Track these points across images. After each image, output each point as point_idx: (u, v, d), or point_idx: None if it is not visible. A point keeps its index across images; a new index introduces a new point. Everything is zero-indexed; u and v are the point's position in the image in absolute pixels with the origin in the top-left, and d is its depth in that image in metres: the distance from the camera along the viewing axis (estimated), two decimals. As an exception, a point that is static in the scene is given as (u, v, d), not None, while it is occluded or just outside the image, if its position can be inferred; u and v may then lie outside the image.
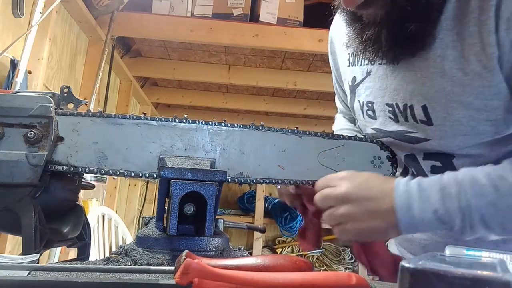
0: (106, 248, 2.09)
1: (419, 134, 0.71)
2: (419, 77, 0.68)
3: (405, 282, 0.34)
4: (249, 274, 0.42)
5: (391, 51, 0.69)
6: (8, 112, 0.61)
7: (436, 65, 0.66)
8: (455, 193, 0.61)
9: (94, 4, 2.16)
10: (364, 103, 0.80)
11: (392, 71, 0.73)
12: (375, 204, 0.64)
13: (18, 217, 0.60)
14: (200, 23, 2.45)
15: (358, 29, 0.72)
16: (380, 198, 0.64)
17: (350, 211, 0.64)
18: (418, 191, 0.63)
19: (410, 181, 0.64)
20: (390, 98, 0.74)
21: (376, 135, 0.79)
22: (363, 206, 0.64)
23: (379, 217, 0.64)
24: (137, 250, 0.58)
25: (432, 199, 0.61)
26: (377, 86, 0.76)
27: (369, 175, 0.67)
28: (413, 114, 0.71)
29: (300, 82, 3.07)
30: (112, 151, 0.64)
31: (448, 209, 0.60)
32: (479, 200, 0.60)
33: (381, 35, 0.67)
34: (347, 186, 0.65)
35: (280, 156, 0.70)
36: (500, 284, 0.31)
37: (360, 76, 0.80)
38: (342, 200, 0.65)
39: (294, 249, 4.06)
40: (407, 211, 0.62)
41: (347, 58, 0.85)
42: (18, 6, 1.49)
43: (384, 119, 0.76)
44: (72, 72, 2.25)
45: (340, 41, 0.88)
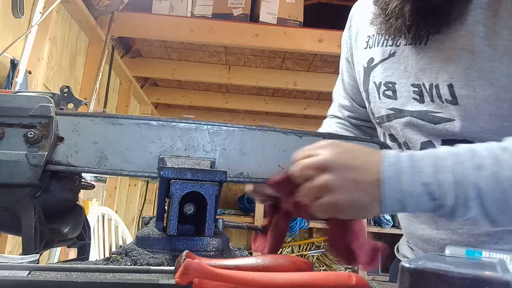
0: (106, 248, 2.09)
1: (443, 114, 0.70)
2: (448, 55, 0.68)
3: (405, 282, 0.34)
4: (249, 274, 0.42)
5: (414, 26, 0.68)
6: (8, 112, 0.61)
7: (465, 42, 0.66)
8: (450, 165, 0.55)
9: (94, 4, 2.16)
10: (382, 84, 0.79)
11: (418, 51, 0.73)
12: (359, 174, 0.57)
13: (18, 217, 0.60)
14: (200, 23, 2.45)
15: (383, 3, 0.72)
16: (365, 168, 0.57)
17: (330, 181, 0.57)
18: (409, 162, 0.57)
19: (400, 153, 0.59)
20: (415, 78, 0.73)
21: (394, 115, 0.78)
22: (344, 176, 0.57)
23: (362, 189, 0.56)
24: (137, 250, 0.58)
25: (424, 171, 0.55)
26: (402, 67, 0.76)
27: (354, 145, 0.62)
28: (438, 93, 0.70)
29: (300, 82, 3.07)
30: (112, 151, 0.64)
31: (441, 182, 0.55)
32: (477, 172, 0.54)
33: (404, 8, 0.67)
34: (328, 154, 0.58)
35: (280, 156, 0.70)
36: (500, 284, 0.31)
37: (380, 56, 0.80)
38: (321, 169, 0.58)
39: (294, 249, 4.06)
40: (395, 183, 0.56)
41: (365, 41, 0.85)
42: (18, 6, 1.49)
43: (406, 100, 0.75)
44: (72, 72, 2.25)
45: (360, 25, 0.88)
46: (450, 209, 0.55)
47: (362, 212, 0.59)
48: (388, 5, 0.70)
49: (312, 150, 0.61)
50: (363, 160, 0.58)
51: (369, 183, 0.57)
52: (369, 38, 0.84)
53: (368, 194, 0.57)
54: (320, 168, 0.58)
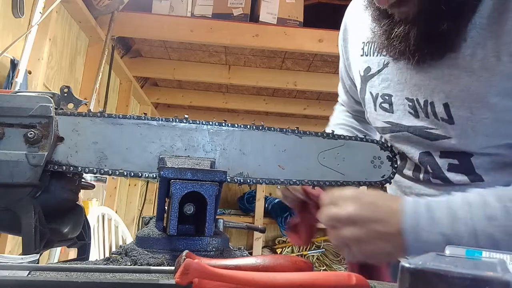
0: (106, 248, 2.09)
1: (439, 131, 0.70)
2: (445, 74, 0.67)
3: (405, 282, 0.34)
4: (249, 274, 0.42)
5: (419, 50, 0.67)
6: (8, 112, 0.61)
7: (464, 64, 0.65)
8: (465, 217, 0.59)
9: (94, 4, 2.16)
10: (379, 95, 0.78)
11: (414, 66, 0.71)
12: (382, 227, 0.62)
13: (18, 217, 0.60)
14: (200, 23, 2.45)
15: (387, 25, 0.69)
16: (387, 220, 0.62)
17: (356, 234, 0.62)
18: (426, 213, 0.61)
19: (418, 202, 0.63)
20: (410, 92, 0.72)
21: (390, 129, 0.78)
22: (369, 229, 0.62)
23: (385, 239, 0.62)
24: (137, 250, 0.58)
25: (441, 222, 0.60)
26: (395, 79, 0.75)
27: (376, 195, 0.66)
28: (434, 111, 0.69)
29: (300, 82, 3.07)
30: (112, 151, 0.64)
31: (457, 232, 0.59)
32: (490, 223, 0.58)
33: (410, 33, 0.66)
34: (352, 208, 0.63)
35: (280, 156, 0.70)
36: (500, 284, 0.31)
37: (376, 67, 0.79)
38: (347, 222, 0.63)
39: (294, 249, 4.06)
40: (414, 234, 0.60)
41: (361, 47, 0.83)
42: (18, 6, 1.49)
43: (402, 113, 0.75)
44: (72, 72, 2.25)
45: (354, 29, 0.86)
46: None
47: (387, 258, 0.66)
48: (393, 29, 0.68)
49: (338, 199, 0.65)
50: (384, 211, 0.63)
51: (392, 234, 0.62)
52: (364, 44, 0.82)
53: (391, 244, 0.62)
54: (345, 221, 0.63)
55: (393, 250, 0.62)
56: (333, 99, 1.05)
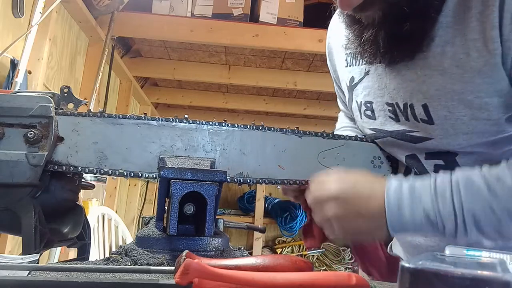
0: (106, 248, 2.09)
1: (420, 133, 0.71)
2: (419, 75, 0.68)
3: (405, 282, 0.34)
4: (249, 274, 0.42)
5: (389, 52, 0.68)
6: (8, 112, 0.61)
7: (435, 63, 0.66)
8: (448, 195, 0.60)
9: (94, 4, 2.16)
10: (362, 103, 0.79)
11: (391, 70, 0.72)
12: (364, 204, 0.63)
13: (18, 217, 0.60)
14: (200, 23, 2.45)
15: (357, 31, 0.71)
16: (369, 198, 0.63)
17: (337, 211, 0.64)
18: (409, 192, 0.62)
19: (401, 181, 0.64)
20: (390, 97, 0.73)
21: (375, 135, 0.79)
22: (349, 206, 0.64)
23: (367, 217, 0.63)
24: (137, 250, 0.58)
25: (424, 201, 0.61)
26: (376, 85, 0.76)
27: (359, 175, 0.67)
28: (413, 113, 0.70)
29: (300, 82, 3.07)
30: (112, 151, 0.64)
31: (440, 211, 0.60)
32: (473, 202, 0.59)
33: (378, 36, 0.67)
34: (335, 186, 0.65)
35: (280, 156, 0.70)
36: (500, 284, 0.31)
37: (358, 76, 0.80)
38: (329, 200, 0.65)
39: (294, 249, 4.06)
40: (397, 212, 0.61)
41: (344, 59, 0.84)
42: (18, 6, 1.49)
43: (384, 119, 0.76)
44: (72, 72, 2.25)
45: (337, 42, 0.87)
46: (452, 233, 0.60)
47: (368, 237, 0.69)
48: (363, 33, 0.69)
49: (324, 182, 0.67)
50: (367, 192, 0.64)
51: (373, 212, 0.63)
52: (347, 56, 0.84)
53: (372, 222, 0.63)
54: (328, 200, 0.65)
55: (373, 228, 0.64)
56: (333, 99, 1.05)
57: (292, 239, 4.14)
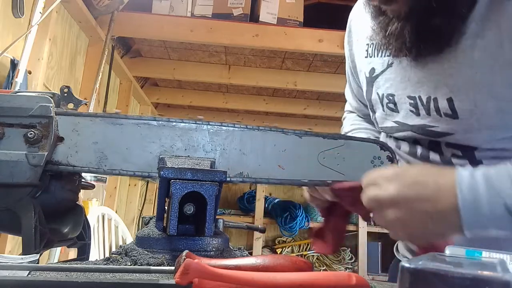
0: (106, 248, 2.09)
1: (441, 128, 0.69)
2: (446, 68, 0.67)
3: (405, 282, 0.34)
4: (249, 274, 0.42)
5: (415, 47, 0.67)
6: (8, 112, 0.61)
7: (465, 55, 0.65)
8: None
9: (94, 4, 2.16)
10: (385, 96, 0.78)
11: (416, 64, 0.71)
12: (430, 205, 0.56)
13: (18, 217, 0.60)
14: (200, 23, 2.45)
15: (383, 23, 0.70)
16: (436, 198, 0.56)
17: (400, 216, 0.57)
18: (486, 185, 0.54)
19: (474, 174, 0.56)
20: (412, 90, 0.72)
21: (397, 128, 0.78)
22: (414, 210, 0.56)
23: (436, 219, 0.56)
24: (137, 250, 0.58)
25: (504, 194, 0.53)
26: (398, 78, 0.75)
27: (419, 171, 0.60)
28: (436, 107, 0.69)
29: (300, 82, 3.07)
30: (112, 151, 0.64)
31: None
32: None
33: (404, 30, 0.66)
34: (394, 188, 0.58)
35: (280, 156, 0.70)
36: (500, 284, 0.31)
37: (380, 67, 0.79)
38: (389, 204, 0.58)
39: (294, 249, 4.06)
40: (473, 208, 0.54)
41: (365, 49, 0.83)
42: (18, 6, 1.49)
43: (405, 112, 0.75)
44: (72, 72, 2.25)
45: (358, 31, 0.87)
46: None
47: (438, 238, 0.59)
48: (388, 26, 0.68)
49: (379, 179, 0.60)
50: (432, 188, 0.57)
51: (443, 212, 0.56)
52: (368, 46, 0.83)
53: (443, 224, 0.56)
54: (387, 202, 0.58)
55: (445, 230, 0.57)
56: (333, 99, 1.05)
57: (292, 239, 4.14)
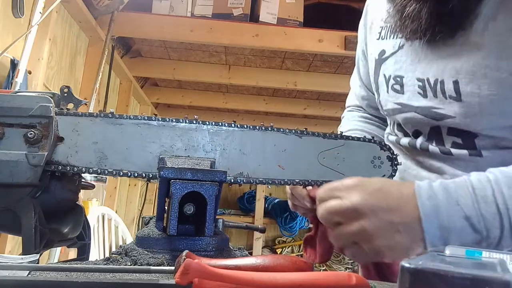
0: (106, 248, 2.09)
1: (445, 110, 0.70)
2: (456, 50, 0.67)
3: (405, 282, 0.34)
4: (249, 274, 0.42)
5: (430, 29, 0.67)
6: (8, 112, 0.61)
7: (476, 39, 0.65)
8: (490, 195, 0.53)
9: (94, 4, 2.16)
10: (391, 77, 0.79)
11: (427, 46, 0.72)
12: (396, 216, 0.53)
13: (18, 217, 0.60)
14: (200, 23, 2.45)
15: (399, 5, 0.70)
16: (400, 207, 0.54)
17: (365, 228, 0.53)
18: (444, 195, 0.54)
19: (433, 184, 0.56)
20: (421, 72, 0.73)
21: (399, 110, 0.78)
22: (381, 220, 0.53)
23: (402, 231, 0.53)
24: (137, 250, 0.58)
25: (462, 204, 0.53)
26: (409, 60, 0.75)
27: (381, 181, 0.59)
28: (443, 89, 0.69)
29: (300, 82, 3.07)
30: (112, 151, 0.64)
31: (482, 213, 0.52)
32: None
33: (422, 12, 0.66)
34: (358, 197, 0.54)
35: (280, 156, 0.70)
36: (500, 284, 0.31)
37: (391, 49, 0.80)
38: (353, 215, 0.54)
39: (294, 249, 4.06)
40: (434, 217, 0.53)
41: (378, 31, 0.84)
42: (18, 6, 1.49)
43: (412, 94, 0.75)
44: (72, 72, 2.25)
45: (374, 14, 0.88)
46: (496, 240, 0.53)
47: (404, 254, 0.54)
48: (405, 8, 0.69)
49: (338, 191, 0.57)
50: (395, 198, 0.55)
51: (408, 223, 0.53)
52: (381, 29, 0.83)
53: (408, 235, 0.54)
54: (351, 214, 0.54)
55: (410, 242, 0.54)
56: (333, 99, 1.05)
57: (292, 239, 4.15)
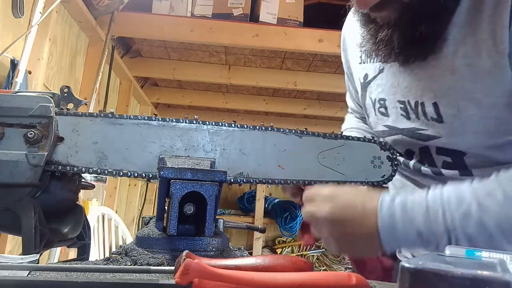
0: (106, 248, 2.09)
1: (430, 131, 0.71)
2: (431, 74, 0.69)
3: (405, 282, 0.34)
4: (249, 274, 0.42)
5: (403, 53, 0.69)
6: (8, 112, 0.61)
7: (447, 62, 0.66)
8: (440, 215, 0.60)
9: (94, 4, 2.16)
10: (376, 100, 0.80)
11: (404, 69, 0.73)
12: (358, 226, 0.64)
13: (18, 217, 0.60)
14: (200, 23, 2.45)
15: (372, 30, 0.72)
16: (362, 220, 0.64)
17: (332, 233, 0.66)
18: (401, 212, 0.62)
19: (394, 201, 0.64)
20: (401, 95, 0.74)
21: (388, 132, 0.80)
22: (344, 230, 0.65)
23: (362, 238, 0.64)
24: (137, 250, 0.58)
25: (416, 222, 0.61)
26: (389, 83, 0.77)
27: (351, 194, 0.68)
28: (424, 111, 0.71)
29: (300, 82, 3.07)
30: (112, 151, 0.64)
31: (433, 231, 0.60)
32: (465, 220, 0.59)
33: (393, 37, 0.68)
34: (327, 208, 0.66)
35: (280, 156, 0.70)
36: (500, 284, 0.31)
37: (372, 73, 0.81)
38: (323, 222, 0.66)
39: (294, 249, 4.06)
40: (390, 233, 0.62)
41: (359, 56, 0.85)
42: (18, 6, 1.49)
43: (396, 116, 0.77)
44: (72, 72, 2.25)
45: (352, 39, 0.88)
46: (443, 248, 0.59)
47: (365, 255, 0.75)
48: (378, 33, 0.70)
49: (315, 199, 0.68)
50: (359, 212, 0.65)
51: (367, 234, 0.64)
52: (361, 52, 0.84)
53: (368, 244, 0.65)
54: (323, 222, 0.67)
55: (369, 248, 0.65)
56: (333, 99, 1.05)
57: (292, 239, 4.14)
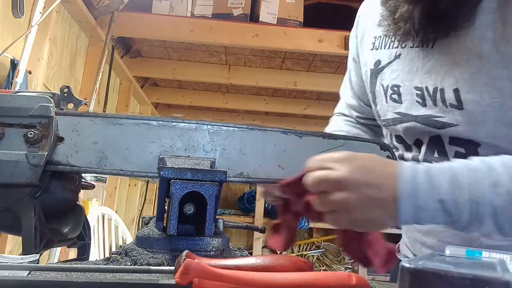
0: (106, 248, 2.09)
1: (446, 118, 0.70)
2: (455, 59, 0.68)
3: (405, 282, 0.34)
4: (249, 274, 0.42)
5: (423, 30, 0.68)
6: (8, 112, 0.61)
7: (473, 46, 0.66)
8: (466, 182, 0.56)
9: (94, 4, 2.16)
10: (389, 87, 0.79)
11: (425, 54, 0.72)
12: (375, 192, 0.57)
13: (18, 217, 0.60)
14: (200, 23, 2.45)
15: (392, 6, 0.71)
16: (381, 184, 0.57)
17: (347, 199, 0.57)
18: (426, 178, 0.57)
19: (417, 166, 0.59)
20: (419, 81, 0.73)
21: (399, 120, 0.79)
22: (361, 194, 0.57)
23: (378, 205, 0.57)
24: (137, 250, 0.58)
25: (442, 188, 0.56)
26: (406, 69, 0.76)
27: (369, 157, 0.61)
28: (443, 97, 0.70)
29: (300, 82, 3.07)
30: (112, 151, 0.64)
31: (457, 200, 0.55)
32: (493, 189, 0.55)
33: (413, 12, 0.67)
34: (344, 170, 0.58)
35: (280, 156, 0.70)
36: (500, 284, 0.31)
37: (387, 59, 0.80)
38: (337, 186, 0.58)
39: (294, 249, 4.06)
40: (412, 199, 0.56)
41: (371, 42, 0.85)
42: (18, 6, 1.49)
43: (410, 103, 0.76)
44: (72, 72, 2.25)
45: (366, 25, 0.88)
46: (464, 224, 0.57)
47: (377, 227, 0.61)
48: (397, 9, 0.70)
49: (328, 162, 0.60)
50: (378, 175, 0.58)
51: (386, 199, 0.57)
52: (375, 39, 0.84)
53: (384, 211, 0.58)
54: (336, 185, 0.58)
55: (385, 217, 0.58)
56: (333, 99, 1.05)
57: (292, 239, 4.14)
